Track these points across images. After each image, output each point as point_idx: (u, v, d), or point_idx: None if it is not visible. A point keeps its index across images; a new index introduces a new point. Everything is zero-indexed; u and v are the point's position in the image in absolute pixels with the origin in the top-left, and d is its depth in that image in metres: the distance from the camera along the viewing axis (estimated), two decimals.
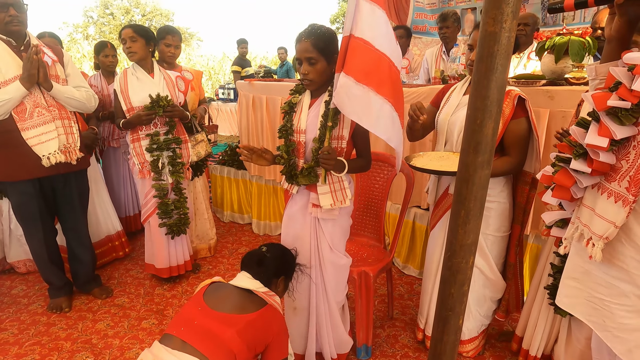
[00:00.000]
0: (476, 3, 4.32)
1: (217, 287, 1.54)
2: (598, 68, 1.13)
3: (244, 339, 1.36)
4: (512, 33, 0.60)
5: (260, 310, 1.45)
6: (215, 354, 1.31)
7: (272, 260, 1.60)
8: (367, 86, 1.48)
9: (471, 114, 0.65)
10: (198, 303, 1.45)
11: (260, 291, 1.51)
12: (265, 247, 1.64)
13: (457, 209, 0.68)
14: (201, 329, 1.36)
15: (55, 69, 2.14)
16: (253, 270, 1.56)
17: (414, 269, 2.76)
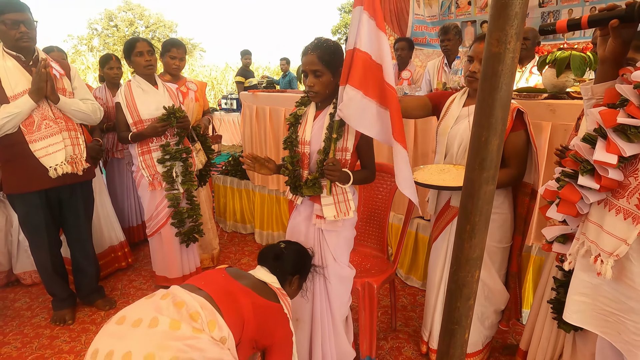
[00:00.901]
0: (476, 16, 4.38)
1: (236, 270, 1.55)
2: (594, 88, 1.13)
3: (257, 315, 1.35)
4: (515, 54, 0.61)
5: (274, 303, 1.44)
6: (229, 312, 1.28)
7: (289, 257, 1.60)
8: (372, 99, 1.51)
9: (476, 131, 0.66)
10: (220, 272, 1.46)
11: (275, 286, 1.50)
12: (284, 244, 1.64)
13: (463, 223, 0.70)
14: (222, 287, 1.36)
15: (63, 82, 2.18)
16: (269, 264, 1.56)
17: (417, 280, 2.76)
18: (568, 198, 1.11)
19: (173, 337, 1.14)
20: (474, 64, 1.70)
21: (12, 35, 1.98)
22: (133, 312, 1.22)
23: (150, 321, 1.17)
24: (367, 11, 1.50)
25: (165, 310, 1.22)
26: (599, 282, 1.12)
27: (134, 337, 1.13)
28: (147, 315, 1.19)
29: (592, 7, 3.62)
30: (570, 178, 1.12)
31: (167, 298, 1.27)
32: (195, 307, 1.23)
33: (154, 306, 1.23)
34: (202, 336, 1.18)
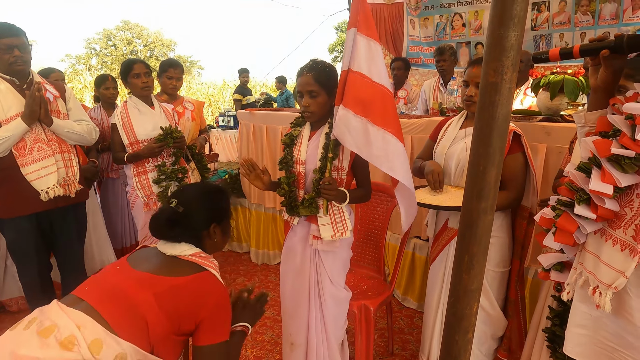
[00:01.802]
0: (470, 37, 4.45)
1: (145, 249, 1.29)
2: (587, 116, 1.15)
3: (164, 306, 1.08)
4: (512, 84, 0.61)
5: (192, 275, 1.16)
6: (119, 317, 1.04)
7: (192, 213, 1.26)
8: (364, 118, 1.51)
9: (474, 160, 0.66)
10: (119, 262, 1.22)
11: (187, 254, 1.21)
12: (175, 199, 1.27)
13: (461, 253, 0.68)
14: (110, 288, 1.10)
15: (57, 104, 2.17)
16: (170, 236, 1.24)
17: (414, 301, 2.72)
18: (565, 227, 1.10)
19: None
20: (470, 88, 1.72)
21: (6, 60, 1.99)
22: None
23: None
24: (361, 32, 1.52)
25: (25, 346, 0.96)
26: (598, 314, 1.10)
27: None
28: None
29: (582, 32, 3.70)
30: (566, 207, 1.11)
31: (32, 326, 1.01)
32: (70, 329, 0.98)
33: (11, 343, 0.98)
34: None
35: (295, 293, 1.79)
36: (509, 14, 0.58)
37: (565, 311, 1.28)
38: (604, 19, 3.52)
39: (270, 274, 3.30)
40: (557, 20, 3.75)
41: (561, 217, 1.12)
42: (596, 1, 3.52)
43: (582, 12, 3.62)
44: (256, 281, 3.19)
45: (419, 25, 4.86)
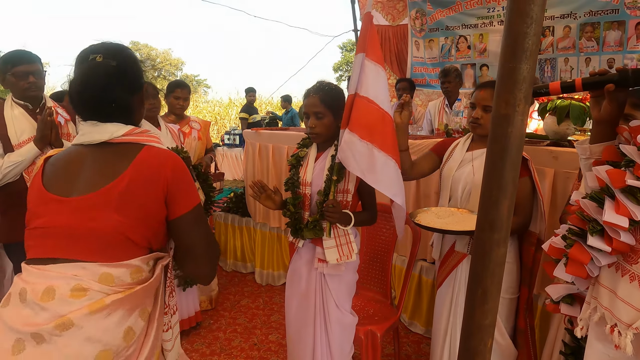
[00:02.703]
0: (476, 59, 4.50)
1: (57, 162, 1.04)
2: (592, 148, 1.14)
3: (130, 213, 0.95)
4: (524, 116, 0.61)
5: (135, 158, 0.99)
6: (101, 250, 0.94)
7: (123, 72, 1.03)
8: (370, 143, 1.52)
9: (486, 191, 0.65)
10: (41, 198, 1.00)
11: (119, 135, 1.00)
12: (97, 54, 1.02)
13: (474, 287, 0.67)
14: (69, 234, 0.95)
15: (68, 127, 2.20)
16: (100, 112, 1.02)
17: (421, 326, 2.66)
18: (577, 259, 1.06)
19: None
20: (477, 111, 1.72)
21: (21, 86, 2.02)
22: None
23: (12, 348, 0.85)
24: (369, 58, 1.54)
25: (41, 318, 0.87)
26: (618, 355, 1.04)
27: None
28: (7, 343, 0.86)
29: (587, 57, 3.73)
30: (578, 237, 1.08)
31: (26, 297, 0.90)
32: (69, 280, 0.90)
33: (25, 324, 0.88)
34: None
35: (300, 318, 1.76)
36: (521, 47, 0.58)
37: (581, 347, 1.23)
38: (609, 46, 3.55)
39: (275, 295, 3.26)
40: (561, 45, 3.79)
41: (573, 248, 1.09)
42: (600, 28, 3.55)
43: (586, 38, 3.65)
44: (261, 303, 3.14)
45: (423, 46, 4.92)
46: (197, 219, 1.05)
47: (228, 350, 2.53)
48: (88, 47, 1.04)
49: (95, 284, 0.91)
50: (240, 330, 2.75)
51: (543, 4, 0.58)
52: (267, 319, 2.89)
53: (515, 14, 0.58)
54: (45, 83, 2.13)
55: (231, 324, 2.83)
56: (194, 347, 2.55)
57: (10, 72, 1.99)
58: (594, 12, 3.57)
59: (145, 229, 0.98)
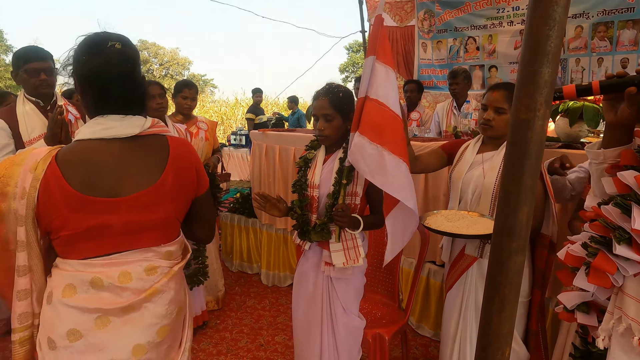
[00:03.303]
0: (484, 61, 4.45)
1: (81, 162, 1.00)
2: (607, 152, 1.09)
3: (179, 199, 1.10)
4: (545, 121, 0.59)
5: (170, 151, 1.08)
6: (160, 236, 1.07)
7: (137, 65, 1.08)
8: (381, 146, 1.50)
9: (504, 197, 0.63)
10: (79, 203, 0.98)
11: (148, 126, 1.07)
12: (116, 41, 1.03)
13: (491, 295, 0.65)
14: (129, 231, 1.03)
15: (78, 125, 2.21)
16: (128, 104, 1.06)
17: (429, 329, 2.64)
18: (603, 269, 1.02)
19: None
20: (488, 112, 1.70)
21: (32, 83, 2.03)
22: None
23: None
24: (380, 60, 1.53)
25: (124, 297, 1.01)
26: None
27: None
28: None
29: (600, 58, 3.66)
30: (602, 245, 1.04)
31: (104, 283, 1.00)
32: (140, 262, 1.03)
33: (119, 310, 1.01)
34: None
35: (308, 321, 1.75)
36: (543, 50, 0.57)
37: (590, 352, 1.20)
38: (622, 45, 3.48)
39: (280, 296, 3.25)
40: (573, 46, 3.74)
41: (598, 257, 1.04)
42: (614, 27, 3.50)
43: (599, 38, 3.60)
44: (267, 304, 3.14)
45: (431, 48, 4.89)
46: (209, 193, 1.24)
47: (234, 351, 2.52)
48: (96, 36, 1.03)
49: (162, 261, 1.08)
50: (247, 330, 2.75)
51: (567, 6, 0.56)
52: (273, 320, 2.88)
53: (537, 16, 0.56)
54: (57, 80, 2.15)
55: (237, 325, 2.82)
56: (201, 347, 2.55)
57: (23, 69, 2.00)
58: (608, 11, 3.51)
59: (186, 208, 1.16)
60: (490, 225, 1.62)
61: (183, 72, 31.86)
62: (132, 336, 1.02)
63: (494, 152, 1.78)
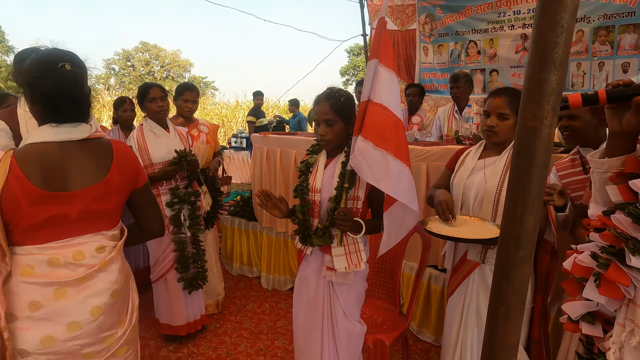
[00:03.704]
0: (485, 65, 4.45)
1: (39, 161, 1.15)
2: (610, 162, 1.07)
3: (125, 191, 1.32)
4: (552, 129, 0.59)
5: (113, 152, 1.28)
6: (108, 221, 1.28)
7: (84, 82, 1.23)
8: (385, 150, 1.49)
9: (510, 206, 0.62)
10: (38, 198, 1.13)
11: (94, 131, 1.25)
12: (65, 61, 1.17)
13: (497, 304, 0.64)
14: (77, 218, 1.19)
15: None
16: (78, 114, 1.22)
17: (429, 334, 2.63)
18: (616, 280, 1.00)
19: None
20: (492, 119, 1.69)
21: None
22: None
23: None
24: (382, 64, 1.52)
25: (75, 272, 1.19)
26: None
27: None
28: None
29: (600, 62, 3.66)
30: (614, 256, 1.01)
31: (61, 261, 1.17)
32: (90, 243, 1.22)
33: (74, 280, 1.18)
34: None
35: (308, 326, 1.74)
36: (550, 57, 0.56)
37: None
38: (623, 50, 3.48)
39: (280, 300, 3.24)
40: (574, 50, 3.73)
41: (611, 269, 1.01)
42: (615, 32, 3.49)
43: (600, 42, 3.59)
44: (267, 308, 3.12)
45: (432, 51, 4.89)
46: (150, 188, 1.43)
47: (234, 355, 2.51)
48: (46, 55, 1.17)
49: (109, 241, 1.28)
50: (247, 335, 2.73)
51: (575, 13, 0.55)
52: (273, 324, 2.87)
53: (544, 22, 0.56)
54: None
55: (237, 329, 2.81)
56: (200, 351, 2.54)
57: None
58: (609, 15, 3.51)
59: (125, 200, 1.34)
60: (492, 230, 1.61)
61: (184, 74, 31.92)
62: (89, 300, 1.20)
63: (496, 158, 1.77)
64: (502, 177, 1.72)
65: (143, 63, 30.93)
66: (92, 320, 1.20)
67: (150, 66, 30.98)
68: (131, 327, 1.33)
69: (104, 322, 1.23)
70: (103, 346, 1.23)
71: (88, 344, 1.19)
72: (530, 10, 4.01)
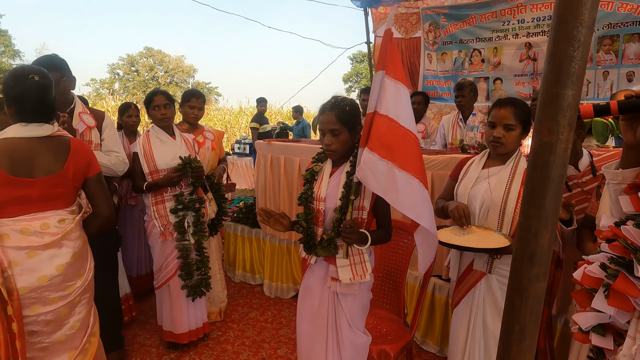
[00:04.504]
0: (489, 73, 4.46)
1: (10, 153, 1.48)
2: (625, 173, 1.08)
3: (79, 179, 1.64)
4: (568, 144, 0.58)
5: (71, 148, 1.60)
6: (65, 202, 1.61)
7: (50, 87, 1.60)
8: (391, 162, 1.48)
9: (524, 221, 0.61)
10: (7, 181, 1.46)
11: (56, 129, 1.60)
12: (34, 74, 1.54)
13: (510, 322, 0.63)
14: (39, 199, 1.53)
15: (91, 134, 2.20)
16: (42, 115, 1.56)
17: (434, 345, 2.60)
18: (625, 292, 0.99)
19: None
20: (498, 130, 1.68)
21: None
22: None
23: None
24: (389, 75, 1.51)
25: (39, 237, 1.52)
26: None
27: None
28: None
29: (605, 71, 3.66)
30: (623, 267, 1.01)
31: (31, 230, 1.51)
32: (53, 217, 1.56)
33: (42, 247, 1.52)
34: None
35: (312, 336, 1.72)
36: (566, 71, 0.55)
37: None
38: (628, 59, 3.48)
39: (283, 308, 3.21)
40: None
41: (619, 280, 1.01)
42: (619, 41, 3.49)
43: (604, 51, 3.59)
44: (269, 316, 3.10)
45: (436, 59, 4.89)
46: (101, 178, 1.73)
47: None
48: (20, 69, 1.56)
49: (69, 215, 1.62)
50: (249, 343, 2.71)
51: (592, 26, 0.54)
52: (275, 332, 2.84)
53: (561, 36, 0.55)
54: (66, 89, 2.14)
55: (239, 337, 2.79)
56: (202, 359, 2.52)
57: None
58: (613, 24, 3.51)
59: (80, 185, 1.67)
60: (500, 240, 1.60)
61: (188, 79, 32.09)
62: (54, 260, 1.54)
63: (500, 167, 1.76)
64: (507, 187, 1.71)
65: (147, 68, 31.12)
66: (56, 275, 1.54)
67: (154, 71, 31.16)
68: (88, 280, 1.67)
69: (66, 276, 1.57)
70: (65, 293, 1.57)
71: (54, 291, 1.54)
72: (535, 20, 4.01)
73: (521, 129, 1.71)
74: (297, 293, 1.86)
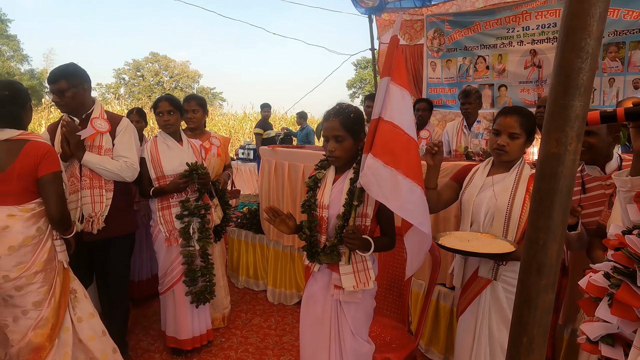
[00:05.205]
0: (494, 80, 4.45)
1: None
2: (634, 180, 1.08)
3: (26, 179, 1.77)
4: (576, 155, 0.57)
5: (22, 149, 1.77)
6: (15, 200, 1.79)
7: (11, 98, 1.81)
8: (394, 169, 1.48)
9: (532, 233, 0.61)
10: None
11: (16, 134, 1.79)
12: (6, 91, 1.80)
13: (519, 334, 0.62)
14: None
15: (102, 139, 2.22)
16: (6, 124, 1.80)
17: (438, 353, 2.57)
18: (627, 302, 0.98)
19: None
20: (503, 138, 1.68)
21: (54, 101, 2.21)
22: None
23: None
24: (394, 82, 1.52)
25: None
26: None
27: None
28: None
29: (611, 78, 3.65)
30: (625, 277, 1.00)
31: None
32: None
33: None
34: None
35: (315, 344, 1.71)
36: (574, 83, 0.55)
37: None
38: (634, 66, 3.46)
39: (287, 315, 3.20)
40: None
41: (621, 289, 1.00)
42: (625, 48, 3.48)
43: (610, 59, 3.58)
44: (272, 323, 3.09)
45: (440, 66, 4.90)
46: (54, 180, 1.84)
47: None
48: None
49: (19, 212, 1.79)
50: (252, 350, 2.70)
51: (600, 38, 0.54)
52: (279, 339, 2.83)
53: (569, 48, 0.55)
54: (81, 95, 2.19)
55: (243, 343, 2.77)
56: None
57: (48, 90, 2.19)
58: (619, 31, 3.50)
59: (33, 185, 1.81)
60: (505, 246, 1.59)
61: (193, 85, 32.29)
62: (5, 240, 1.74)
63: (504, 174, 1.76)
64: (512, 193, 1.71)
65: (152, 73, 31.35)
66: (7, 255, 1.74)
67: (159, 76, 31.37)
68: (40, 261, 1.82)
69: (16, 257, 1.76)
70: (17, 274, 1.76)
71: (6, 270, 1.74)
72: (539, 27, 4.01)
73: (525, 137, 1.71)
74: (301, 300, 1.85)
